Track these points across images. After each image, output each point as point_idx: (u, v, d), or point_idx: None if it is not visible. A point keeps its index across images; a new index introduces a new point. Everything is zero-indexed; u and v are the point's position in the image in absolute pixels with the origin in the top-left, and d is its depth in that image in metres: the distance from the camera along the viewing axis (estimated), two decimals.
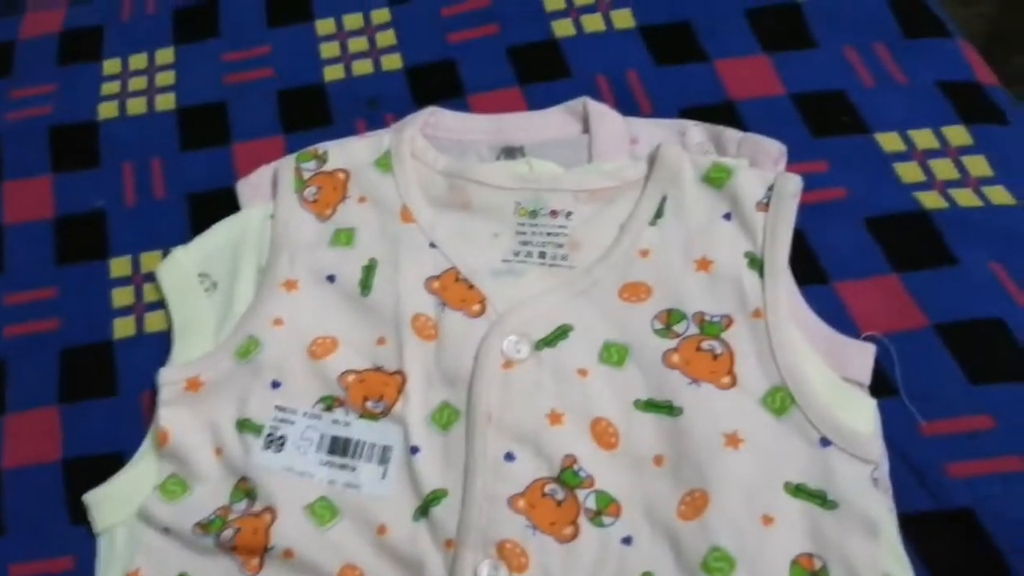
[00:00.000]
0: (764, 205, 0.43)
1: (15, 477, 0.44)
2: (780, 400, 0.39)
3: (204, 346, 0.45)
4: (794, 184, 0.44)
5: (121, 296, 0.50)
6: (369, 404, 0.40)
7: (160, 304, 0.48)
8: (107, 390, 0.46)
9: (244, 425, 0.41)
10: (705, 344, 0.40)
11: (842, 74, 0.52)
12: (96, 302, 0.49)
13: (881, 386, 0.41)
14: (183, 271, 0.48)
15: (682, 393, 0.39)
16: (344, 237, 0.46)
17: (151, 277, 0.49)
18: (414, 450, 0.39)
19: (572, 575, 0.36)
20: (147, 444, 0.43)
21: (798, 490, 0.37)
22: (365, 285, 0.44)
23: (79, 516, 0.42)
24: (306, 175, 0.49)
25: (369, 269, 0.45)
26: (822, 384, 0.40)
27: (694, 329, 0.41)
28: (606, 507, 0.38)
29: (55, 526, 0.43)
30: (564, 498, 0.38)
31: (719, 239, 0.43)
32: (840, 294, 0.45)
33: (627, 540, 0.37)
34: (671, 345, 0.41)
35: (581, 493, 0.38)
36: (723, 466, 0.37)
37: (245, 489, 0.40)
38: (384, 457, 0.40)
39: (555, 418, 0.39)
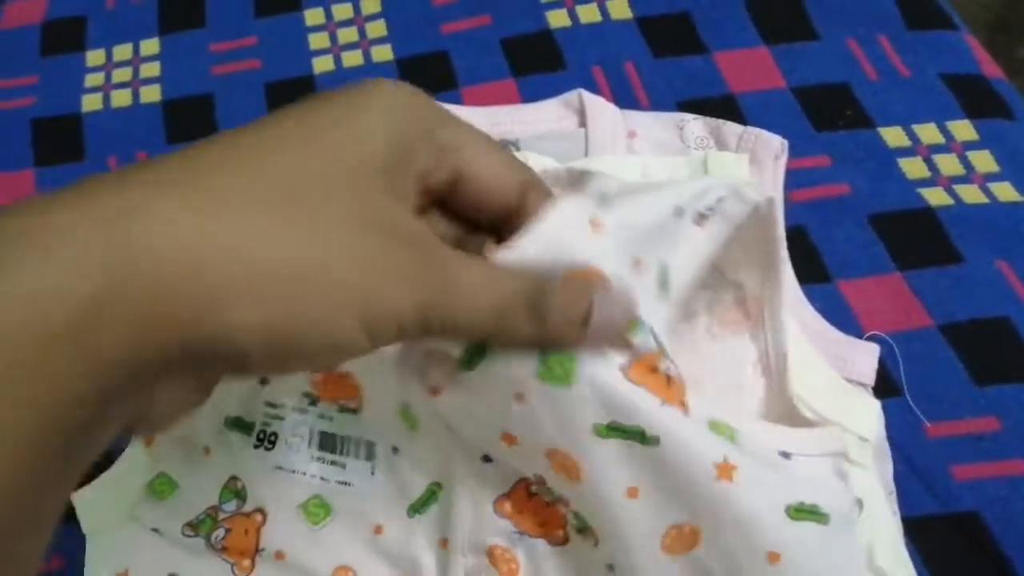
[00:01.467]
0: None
1: None
2: (724, 430, 0.31)
3: None
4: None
5: None
6: (342, 402, 0.38)
7: None
8: None
9: (235, 423, 0.39)
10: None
11: (845, 67, 0.51)
12: None
13: (885, 387, 0.40)
14: None
15: (654, 417, 0.29)
16: None
17: None
18: (395, 450, 0.37)
19: None
20: (136, 442, 0.42)
21: (799, 512, 0.31)
22: None
23: (68, 516, 0.41)
24: None
25: None
26: (822, 380, 0.39)
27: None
28: (585, 529, 0.34)
29: None
30: (553, 499, 0.35)
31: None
32: (843, 293, 0.44)
33: (611, 567, 0.34)
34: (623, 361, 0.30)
35: (561, 506, 0.35)
36: (715, 499, 0.30)
37: (235, 489, 0.39)
38: (370, 453, 0.38)
39: (509, 439, 0.31)
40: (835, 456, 0.34)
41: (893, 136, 0.48)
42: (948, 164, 0.47)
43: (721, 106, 0.50)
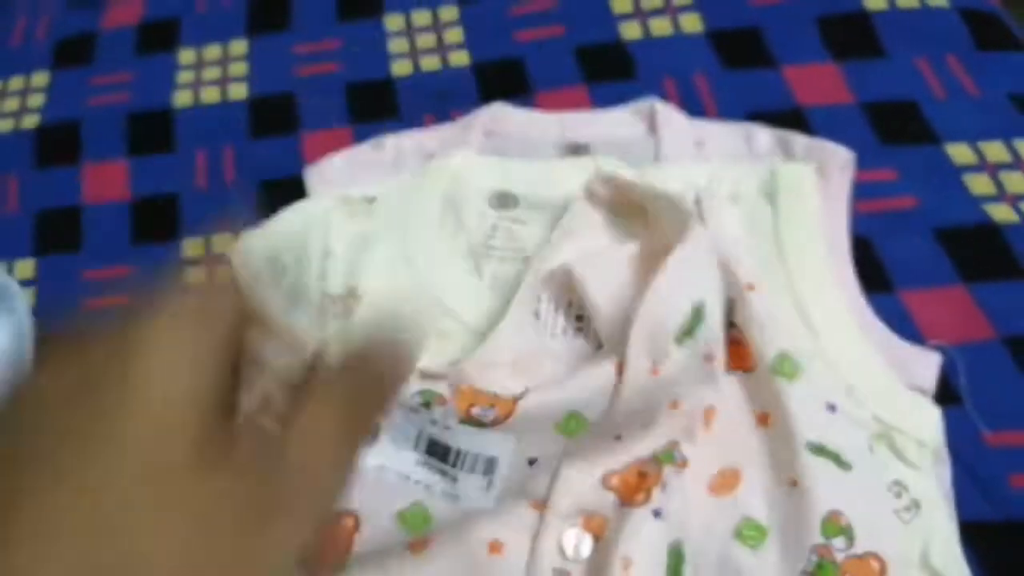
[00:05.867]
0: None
1: None
2: (788, 365, 0.39)
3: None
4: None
5: (194, 276, 0.51)
6: (475, 411, 0.37)
7: None
8: None
9: None
10: (728, 335, 0.40)
11: (912, 84, 0.52)
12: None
13: (946, 395, 0.41)
14: (252, 256, 0.49)
15: (721, 389, 0.39)
16: None
17: (222, 258, 0.51)
18: (531, 462, 0.37)
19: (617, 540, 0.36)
20: None
21: (820, 450, 0.37)
22: None
23: None
24: None
25: None
26: (881, 383, 0.40)
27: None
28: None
29: None
30: (650, 471, 0.37)
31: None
32: (905, 303, 0.44)
33: (656, 513, 0.36)
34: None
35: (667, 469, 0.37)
36: (753, 444, 0.38)
37: None
38: (489, 469, 0.37)
39: (673, 404, 0.38)
40: (865, 429, 0.38)
41: (959, 152, 0.49)
42: (1014, 182, 0.47)
43: (789, 118, 0.51)
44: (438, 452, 0.37)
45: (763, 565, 0.35)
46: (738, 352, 0.40)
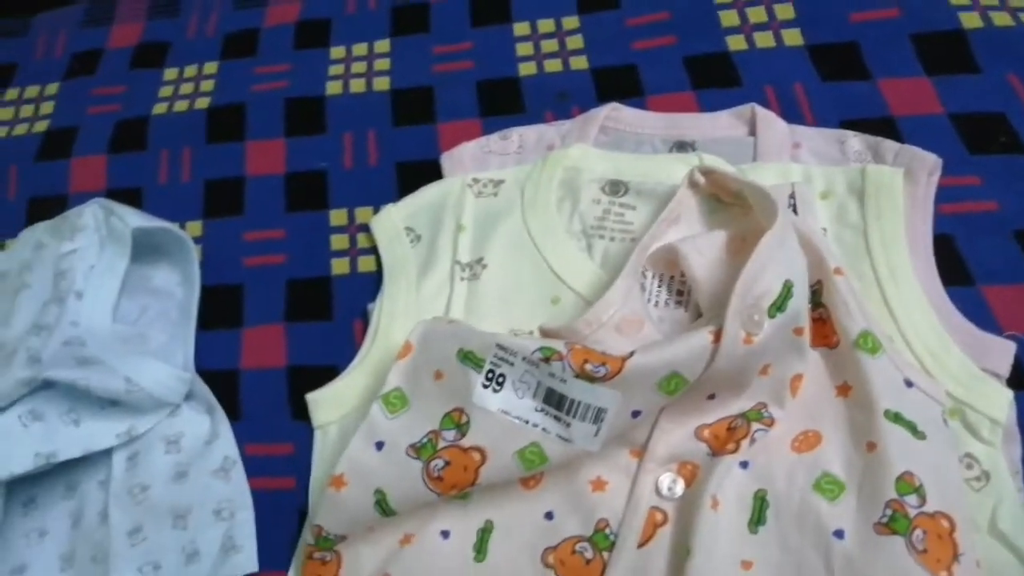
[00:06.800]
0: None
1: (250, 376, 0.54)
2: (871, 341, 0.43)
3: (408, 287, 0.53)
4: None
5: (338, 241, 0.59)
6: (589, 367, 0.40)
7: (371, 250, 0.57)
8: (325, 315, 0.55)
9: (467, 357, 0.43)
10: (814, 313, 0.45)
11: (1003, 99, 0.55)
12: (317, 244, 0.59)
13: (1021, 381, 0.45)
14: (393, 224, 0.57)
15: (807, 360, 0.44)
16: None
17: (364, 228, 0.58)
18: (635, 413, 0.42)
19: (707, 483, 0.41)
20: (357, 360, 0.52)
21: (897, 417, 0.40)
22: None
23: (299, 413, 0.51)
24: None
25: None
26: (956, 365, 0.44)
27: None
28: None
29: (280, 418, 0.52)
30: (739, 426, 0.43)
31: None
32: (985, 296, 0.48)
33: (744, 464, 0.42)
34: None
35: (755, 426, 0.42)
36: (834, 411, 0.43)
37: (457, 420, 0.42)
38: (598, 418, 0.40)
39: (764, 370, 0.43)
40: (940, 405, 0.43)
41: None
42: None
43: (881, 127, 0.55)
44: (554, 401, 0.41)
45: (841, 514, 0.39)
46: (822, 330, 0.44)
